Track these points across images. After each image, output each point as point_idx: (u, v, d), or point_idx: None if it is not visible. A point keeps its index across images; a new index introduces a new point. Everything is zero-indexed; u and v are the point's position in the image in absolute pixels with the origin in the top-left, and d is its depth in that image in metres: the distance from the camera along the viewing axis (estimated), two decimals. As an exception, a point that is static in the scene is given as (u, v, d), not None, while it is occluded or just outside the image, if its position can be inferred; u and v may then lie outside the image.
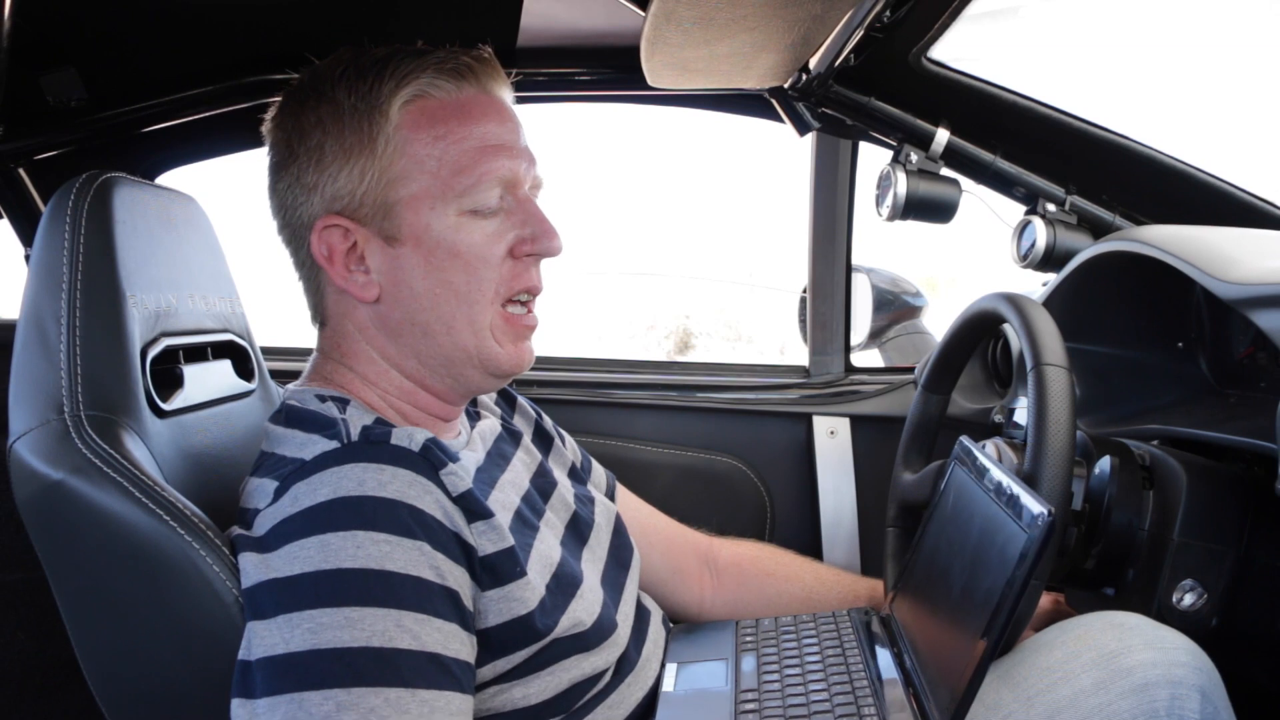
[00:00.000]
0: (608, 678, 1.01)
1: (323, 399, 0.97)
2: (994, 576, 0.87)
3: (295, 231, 1.01)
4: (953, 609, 0.97)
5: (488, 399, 1.22)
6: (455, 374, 1.02)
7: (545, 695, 0.93)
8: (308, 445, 0.91)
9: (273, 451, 0.95)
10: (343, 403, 0.97)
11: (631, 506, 1.33)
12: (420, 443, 0.90)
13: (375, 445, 0.89)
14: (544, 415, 1.29)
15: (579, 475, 1.26)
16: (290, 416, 0.97)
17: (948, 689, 0.88)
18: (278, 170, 1.01)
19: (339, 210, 0.98)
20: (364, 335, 1.02)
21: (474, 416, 1.15)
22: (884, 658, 1.08)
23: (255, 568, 0.85)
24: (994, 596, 0.85)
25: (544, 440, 1.25)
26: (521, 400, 1.28)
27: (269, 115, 1.03)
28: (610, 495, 1.31)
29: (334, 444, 0.90)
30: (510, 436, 1.16)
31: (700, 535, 1.39)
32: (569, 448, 1.29)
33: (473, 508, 0.90)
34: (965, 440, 1.12)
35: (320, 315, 1.05)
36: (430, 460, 0.89)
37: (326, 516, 0.83)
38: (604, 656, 0.99)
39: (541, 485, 1.12)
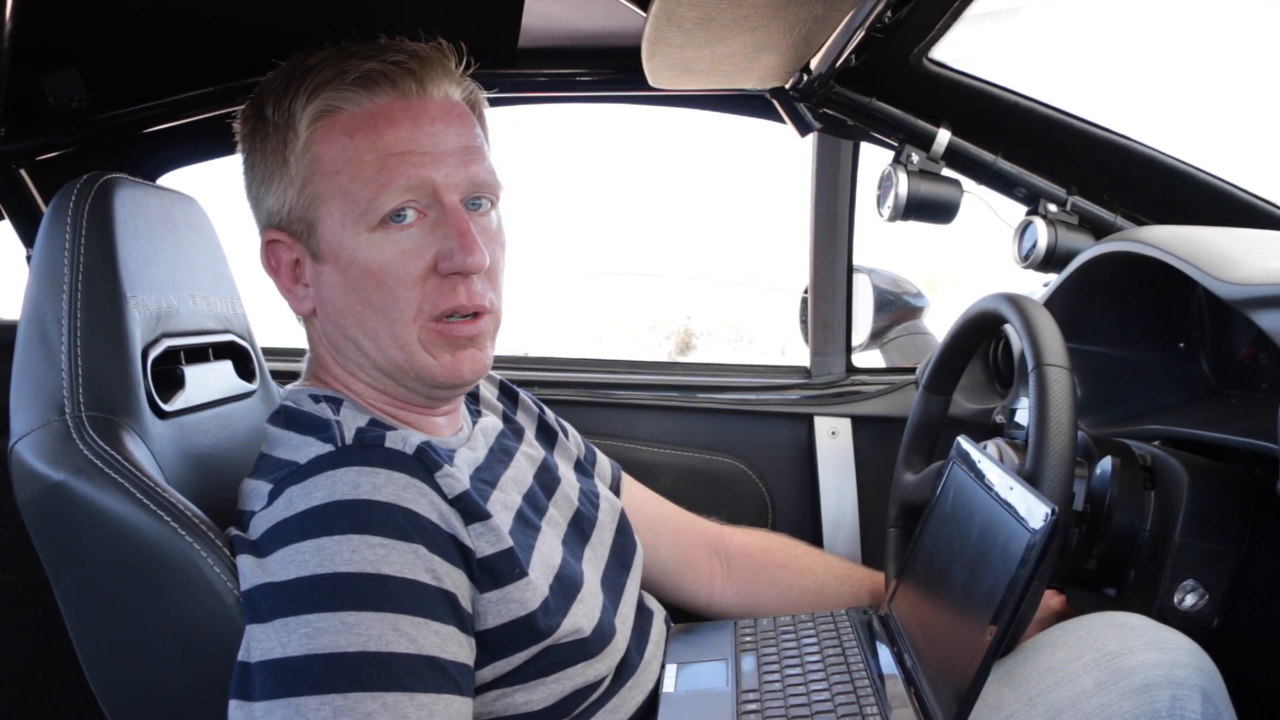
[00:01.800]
0: (608, 682, 1.00)
1: (317, 399, 0.98)
2: (996, 576, 0.87)
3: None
4: (953, 608, 0.96)
5: (489, 395, 1.21)
6: (401, 384, 1.00)
7: (547, 701, 0.93)
8: (302, 448, 0.91)
9: (269, 454, 0.95)
10: (336, 403, 0.97)
11: (637, 498, 1.33)
12: (415, 445, 0.90)
13: (369, 448, 0.89)
14: (546, 410, 1.28)
15: (584, 469, 1.25)
16: (287, 418, 0.97)
17: (950, 688, 0.88)
18: (244, 182, 1.03)
19: (277, 225, 0.99)
20: (321, 344, 1.02)
21: (475, 414, 1.15)
22: (884, 657, 1.07)
23: (252, 571, 0.85)
24: (996, 596, 0.85)
25: (548, 435, 1.24)
26: (523, 395, 1.27)
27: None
28: (615, 488, 1.30)
29: (328, 447, 0.90)
30: (513, 433, 1.16)
31: (710, 524, 1.38)
32: (573, 441, 1.28)
33: (469, 509, 0.90)
34: (963, 440, 1.12)
35: (299, 319, 1.06)
36: (425, 463, 0.89)
37: (321, 520, 0.83)
38: (606, 663, 0.99)
39: (545, 481, 1.11)
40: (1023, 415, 1.32)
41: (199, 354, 1.12)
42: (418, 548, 0.84)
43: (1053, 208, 1.45)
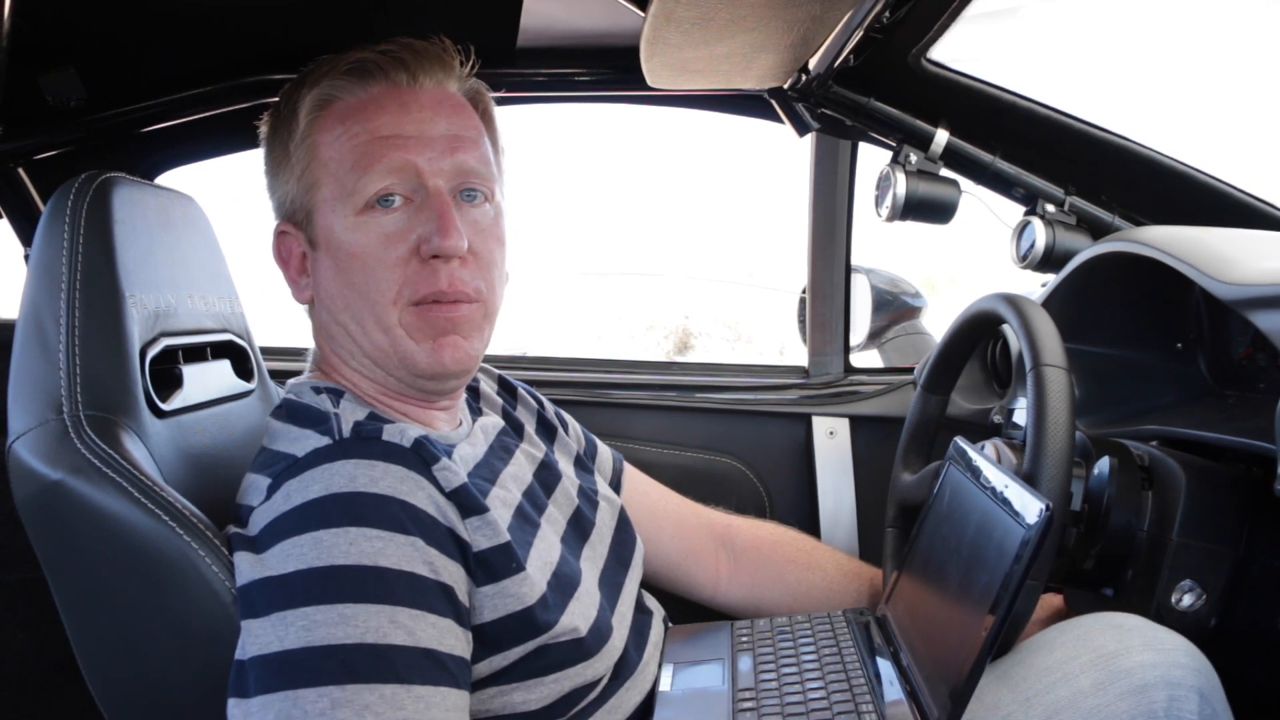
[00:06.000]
0: (605, 682, 1.00)
1: (318, 391, 0.99)
2: (991, 572, 0.87)
3: None
4: (949, 605, 0.97)
5: (489, 391, 1.21)
6: (390, 372, 1.00)
7: (545, 701, 0.93)
8: (300, 441, 0.92)
9: (269, 447, 0.96)
10: (337, 395, 0.98)
11: (640, 489, 1.32)
12: (412, 438, 0.90)
13: (367, 441, 0.89)
14: (545, 403, 1.28)
15: (584, 464, 1.25)
16: (289, 411, 0.98)
17: (946, 685, 0.88)
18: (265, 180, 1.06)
19: (286, 216, 1.02)
20: (320, 334, 1.04)
21: (476, 411, 1.15)
22: (880, 656, 1.08)
23: (249, 566, 0.85)
24: (992, 591, 0.85)
25: (548, 430, 1.24)
26: (522, 390, 1.27)
27: None
28: (617, 480, 1.30)
29: (325, 440, 0.90)
30: (514, 430, 1.16)
31: (718, 514, 1.37)
32: (573, 435, 1.28)
33: (466, 503, 0.90)
34: (960, 440, 1.12)
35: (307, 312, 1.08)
36: (422, 456, 0.89)
37: (319, 513, 0.83)
38: (604, 663, 0.99)
39: (545, 479, 1.12)
40: (1021, 415, 1.32)
41: (197, 353, 1.12)
42: (415, 540, 0.84)
43: (1051, 208, 1.45)
